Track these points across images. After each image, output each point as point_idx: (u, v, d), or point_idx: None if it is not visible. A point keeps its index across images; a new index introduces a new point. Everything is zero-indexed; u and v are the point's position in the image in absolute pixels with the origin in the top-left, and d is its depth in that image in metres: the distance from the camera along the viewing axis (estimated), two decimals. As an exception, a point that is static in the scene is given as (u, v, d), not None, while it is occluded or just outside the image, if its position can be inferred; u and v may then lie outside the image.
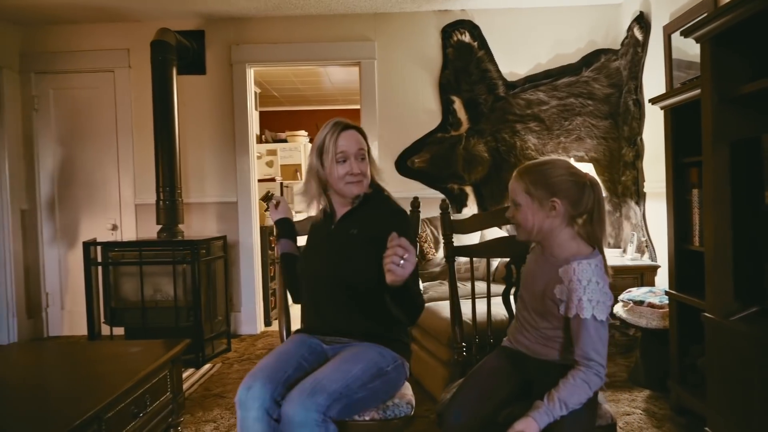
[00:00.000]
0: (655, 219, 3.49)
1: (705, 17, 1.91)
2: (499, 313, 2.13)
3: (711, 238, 1.96)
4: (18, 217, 4.19)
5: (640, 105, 3.72)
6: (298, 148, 6.70)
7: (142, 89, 4.15)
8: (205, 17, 4.20)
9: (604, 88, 4.09)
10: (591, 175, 1.49)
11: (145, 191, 4.23)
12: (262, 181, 5.48)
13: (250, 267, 4.31)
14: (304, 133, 6.89)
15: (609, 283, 1.43)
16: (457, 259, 1.97)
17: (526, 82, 4.14)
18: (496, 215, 1.92)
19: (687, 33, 2.03)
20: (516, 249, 1.78)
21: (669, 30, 3.28)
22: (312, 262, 1.77)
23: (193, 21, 4.23)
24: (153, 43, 3.83)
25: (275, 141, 6.82)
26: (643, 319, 2.71)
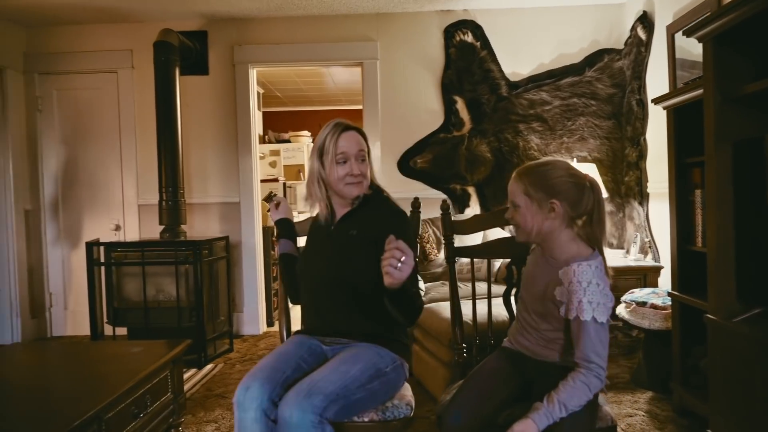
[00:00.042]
0: (658, 219, 3.47)
1: (707, 16, 1.90)
2: (500, 314, 2.12)
3: (713, 239, 1.95)
4: (22, 218, 4.20)
5: (643, 105, 3.70)
6: (301, 149, 6.71)
7: (145, 90, 4.16)
8: (207, 18, 4.21)
9: (607, 88, 4.07)
10: (590, 176, 1.49)
11: (148, 192, 4.24)
12: (264, 181, 5.50)
13: (253, 267, 4.31)
14: (307, 134, 6.91)
15: (609, 284, 1.42)
16: (460, 260, 1.96)
17: (528, 82, 4.13)
18: (497, 216, 1.92)
19: (689, 32, 2.02)
20: (517, 250, 1.77)
21: (672, 30, 3.26)
22: (311, 262, 1.77)
23: (195, 22, 4.24)
24: (156, 44, 3.84)
25: (278, 141, 6.83)
26: (645, 321, 2.70)
